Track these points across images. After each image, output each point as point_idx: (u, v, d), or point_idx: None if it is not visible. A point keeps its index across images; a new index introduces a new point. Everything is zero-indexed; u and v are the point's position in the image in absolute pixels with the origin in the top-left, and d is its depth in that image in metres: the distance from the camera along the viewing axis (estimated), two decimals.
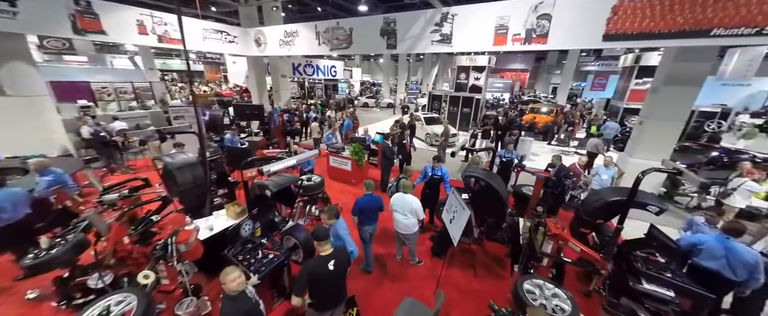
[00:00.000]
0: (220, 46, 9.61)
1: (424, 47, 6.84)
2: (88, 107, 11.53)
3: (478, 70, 13.46)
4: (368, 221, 3.70)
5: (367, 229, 3.72)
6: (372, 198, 3.66)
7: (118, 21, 7.14)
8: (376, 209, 3.69)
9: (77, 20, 6.44)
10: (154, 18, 7.80)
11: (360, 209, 3.61)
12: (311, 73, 14.45)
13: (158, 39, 8.05)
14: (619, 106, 11.89)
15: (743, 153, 8.01)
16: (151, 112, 11.77)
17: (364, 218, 3.66)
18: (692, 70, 5.64)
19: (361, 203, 3.60)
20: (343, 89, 22.72)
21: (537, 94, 29.08)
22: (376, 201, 3.68)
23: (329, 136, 7.23)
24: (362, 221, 3.68)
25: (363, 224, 3.69)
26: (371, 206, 3.64)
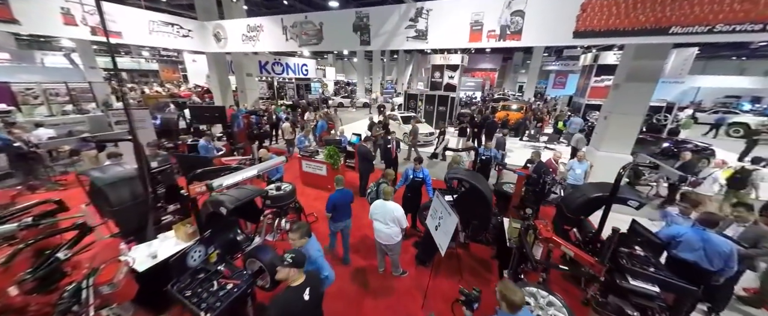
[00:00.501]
0: (171, 41, 8.56)
1: (400, 43, 6.58)
2: (6, 113, 9.73)
3: (452, 68, 13.58)
4: (342, 217, 3.77)
5: (340, 225, 3.80)
6: (343, 193, 3.72)
7: (35, 8, 5.96)
8: (348, 204, 3.77)
9: None
10: (85, 6, 6.65)
11: (334, 206, 3.65)
12: (280, 72, 13.59)
13: (92, 31, 6.89)
14: (581, 103, 12.67)
15: (688, 142, 8.86)
16: (90, 116, 10.24)
17: (338, 213, 3.71)
18: (649, 67, 5.98)
19: (335, 199, 3.64)
20: (316, 89, 21.86)
21: (506, 92, 30.44)
22: (348, 196, 3.75)
23: (301, 139, 6.68)
24: (336, 218, 3.74)
25: (336, 220, 3.75)
26: (344, 200, 3.70)
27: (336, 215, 3.70)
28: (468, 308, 2.08)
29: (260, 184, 4.52)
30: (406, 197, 4.52)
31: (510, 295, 1.79)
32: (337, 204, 3.65)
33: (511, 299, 1.78)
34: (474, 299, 2.09)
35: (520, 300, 1.79)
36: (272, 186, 4.54)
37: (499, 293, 1.84)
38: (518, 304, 1.78)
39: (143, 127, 7.50)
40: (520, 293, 1.81)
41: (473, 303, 2.07)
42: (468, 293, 2.13)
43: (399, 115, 11.58)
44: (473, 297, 2.09)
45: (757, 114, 16.67)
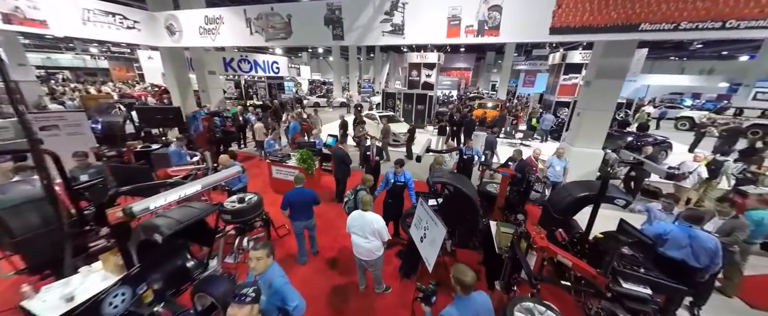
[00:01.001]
0: (112, 34, 7.43)
1: (375, 38, 6.20)
2: None
3: (429, 67, 13.48)
4: (300, 216, 3.61)
5: (300, 224, 3.65)
6: (302, 192, 3.57)
7: None
8: (308, 203, 3.61)
9: None
10: None
11: (289, 203, 3.52)
12: (248, 70, 12.59)
13: (4, 19, 5.71)
14: (551, 100, 13.18)
15: (649, 136, 9.46)
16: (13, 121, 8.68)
17: (296, 213, 3.57)
18: (616, 65, 6.17)
19: (290, 197, 3.51)
20: (290, 88, 20.81)
21: (480, 91, 31.32)
22: (308, 195, 3.59)
23: (270, 143, 6.06)
24: (294, 217, 3.60)
25: (295, 219, 3.62)
26: (302, 199, 3.54)
27: (294, 213, 3.58)
28: (426, 303, 2.05)
29: (219, 197, 3.91)
30: (388, 204, 4.17)
31: (461, 276, 1.85)
32: (294, 203, 3.52)
33: (463, 280, 1.84)
34: (431, 293, 2.07)
35: (472, 280, 1.85)
36: (234, 198, 3.96)
37: (453, 277, 1.89)
38: (469, 284, 1.84)
39: (78, 132, 6.43)
40: (470, 273, 1.86)
41: (431, 297, 2.05)
42: (424, 288, 2.10)
43: (377, 115, 11.21)
44: (430, 291, 2.07)
45: (697, 109, 18.64)
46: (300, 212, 3.58)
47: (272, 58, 13.68)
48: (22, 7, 5.86)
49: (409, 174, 4.29)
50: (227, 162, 4.09)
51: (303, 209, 3.58)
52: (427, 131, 12.88)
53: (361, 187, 3.60)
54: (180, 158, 5.28)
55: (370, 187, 3.68)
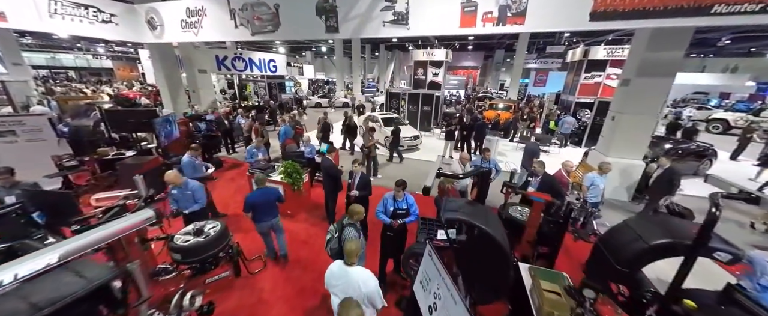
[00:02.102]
0: (85, 28, 6.70)
1: (375, 30, 5.29)
2: None
3: (436, 65, 12.49)
4: (265, 217, 3.50)
5: (265, 224, 3.54)
6: (265, 191, 3.48)
7: None
8: (272, 202, 3.53)
9: None
10: None
11: (252, 206, 3.39)
12: (242, 69, 11.83)
13: None
14: (570, 101, 12.07)
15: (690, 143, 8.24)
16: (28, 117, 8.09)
17: (259, 214, 3.45)
18: (665, 59, 5.12)
19: (253, 199, 3.38)
20: (290, 88, 20.07)
21: (489, 90, 30.11)
22: (271, 194, 3.51)
23: (252, 152, 5.22)
24: (257, 218, 3.47)
25: (259, 220, 3.49)
26: (266, 199, 3.45)
27: (257, 215, 3.44)
28: None
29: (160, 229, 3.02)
30: (386, 237, 3.26)
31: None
32: (257, 204, 3.40)
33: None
34: None
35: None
36: (189, 229, 3.10)
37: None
38: None
39: (39, 138, 5.70)
40: None
41: None
42: None
43: (380, 117, 10.27)
44: None
45: (728, 109, 17.12)
46: (264, 212, 3.47)
47: (269, 56, 12.90)
48: None
49: (413, 199, 3.38)
50: (174, 180, 3.23)
51: (268, 209, 3.48)
52: (433, 135, 11.91)
53: (349, 221, 2.70)
54: (195, 171, 4.43)
55: (361, 221, 2.77)
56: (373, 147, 6.68)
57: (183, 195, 3.31)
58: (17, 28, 6.09)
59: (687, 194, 5.88)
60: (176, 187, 3.24)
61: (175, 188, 3.24)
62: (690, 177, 7.31)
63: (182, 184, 3.28)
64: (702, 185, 6.70)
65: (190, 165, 4.51)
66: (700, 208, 5.87)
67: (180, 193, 3.28)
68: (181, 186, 3.28)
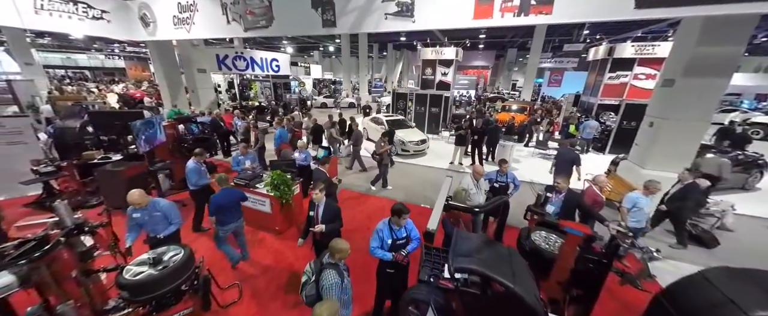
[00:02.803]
0: (73, 25, 6.38)
1: (376, 23, 4.69)
2: None
3: (445, 64, 11.79)
4: (231, 219, 3.42)
5: (230, 227, 3.44)
6: (229, 192, 3.41)
7: None
8: (237, 203, 3.48)
9: None
10: None
11: (218, 207, 3.27)
12: (244, 68, 11.45)
13: None
14: (591, 102, 11.13)
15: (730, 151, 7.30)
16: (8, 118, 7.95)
17: (224, 216, 3.35)
18: (722, 55, 4.31)
19: (218, 200, 3.28)
20: (295, 88, 19.71)
21: (500, 90, 29.04)
22: (235, 194, 3.46)
23: (238, 159, 4.71)
24: (223, 221, 3.35)
25: (224, 223, 3.37)
26: (230, 199, 3.37)
27: (222, 217, 3.33)
28: None
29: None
30: (385, 275, 2.65)
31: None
32: (222, 205, 3.29)
33: None
34: None
35: None
36: (144, 257, 2.59)
37: None
38: None
39: (21, 141, 5.38)
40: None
41: None
42: None
43: (384, 119, 9.65)
44: None
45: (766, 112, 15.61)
46: (230, 213, 3.37)
47: (272, 55, 12.50)
48: None
49: (413, 225, 2.77)
50: (138, 201, 2.72)
51: (232, 210, 3.39)
52: (441, 138, 11.21)
53: (329, 260, 2.10)
54: (200, 177, 4.12)
55: (343, 258, 2.16)
56: (385, 154, 5.99)
57: (151, 217, 2.81)
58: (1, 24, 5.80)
59: (740, 213, 5.03)
60: (141, 209, 2.74)
61: (138, 210, 2.74)
62: (737, 191, 6.39)
63: (148, 204, 2.78)
64: (755, 202, 5.86)
65: (196, 171, 4.13)
66: (753, 229, 5.05)
67: (146, 214, 2.78)
68: (146, 207, 2.78)
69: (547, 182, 6.72)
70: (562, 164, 5.49)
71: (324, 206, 2.97)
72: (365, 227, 4.78)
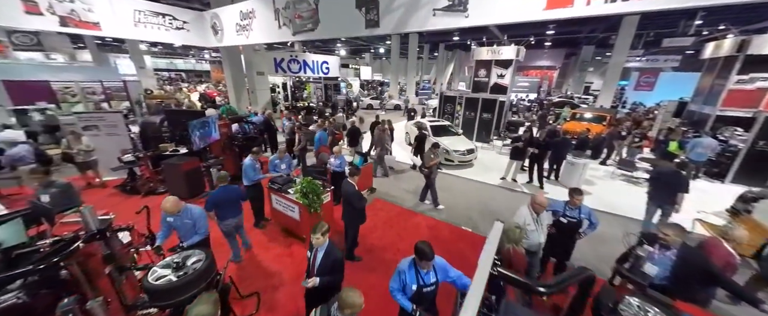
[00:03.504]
0: (162, 35, 7.44)
1: (422, 22, 4.19)
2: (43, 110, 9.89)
3: (502, 64, 10.52)
4: (229, 214, 3.50)
5: (230, 222, 3.53)
6: (227, 189, 3.47)
7: None
8: (235, 200, 3.56)
9: None
10: None
11: (215, 204, 3.37)
12: (297, 70, 12.12)
13: (61, 21, 5.93)
14: (705, 114, 8.55)
15: None
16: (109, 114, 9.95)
17: (222, 211, 3.43)
18: None
19: (216, 198, 3.39)
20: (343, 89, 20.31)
21: (569, 94, 25.23)
22: (234, 191, 3.53)
23: (275, 163, 4.74)
24: (222, 216, 3.44)
25: (223, 218, 3.46)
26: (228, 197, 3.45)
27: (221, 212, 3.46)
28: None
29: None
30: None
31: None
32: (220, 202, 3.41)
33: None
34: None
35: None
36: (168, 261, 2.60)
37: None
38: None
39: (115, 133, 6.43)
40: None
41: None
42: None
43: (429, 124, 8.98)
44: None
45: None
46: (228, 209, 3.48)
47: (322, 57, 12.97)
48: (78, 10, 6.03)
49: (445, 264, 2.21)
50: (171, 209, 2.76)
51: (231, 207, 3.52)
52: (492, 148, 10.02)
53: (337, 313, 1.70)
54: (255, 173, 4.33)
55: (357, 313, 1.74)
56: (434, 168, 5.24)
57: (182, 224, 2.88)
58: (110, 35, 7.07)
59: None
60: (173, 215, 2.81)
61: (171, 216, 2.81)
62: None
63: (181, 211, 2.84)
64: None
65: (252, 167, 4.31)
66: None
67: (178, 221, 2.86)
68: (179, 214, 2.84)
69: (632, 213, 5.33)
70: (661, 189, 4.17)
71: (324, 253, 2.35)
72: (394, 247, 4.33)
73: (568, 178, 6.64)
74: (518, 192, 6.47)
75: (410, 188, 6.50)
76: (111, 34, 6.80)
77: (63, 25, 5.97)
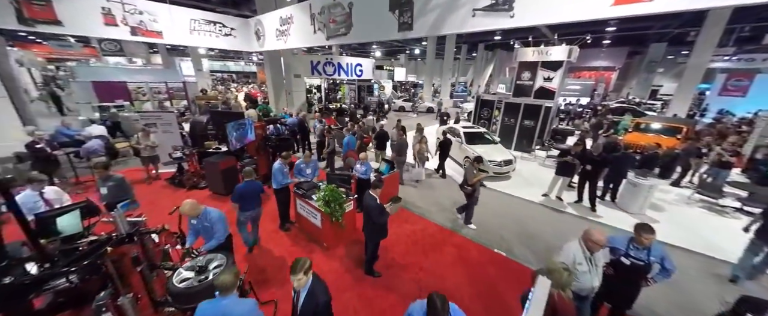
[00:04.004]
0: (212, 41, 8.10)
1: (460, 23, 3.83)
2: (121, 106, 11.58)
3: (551, 66, 9.47)
4: (250, 206, 3.82)
5: (249, 214, 3.85)
6: (251, 184, 3.80)
7: (77, 8, 5.91)
8: (257, 193, 3.86)
9: (23, 7, 5.31)
10: (126, 5, 6.47)
11: (240, 196, 3.70)
12: (332, 73, 12.39)
13: (131, 31, 6.74)
14: None
15: None
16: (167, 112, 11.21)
17: (245, 203, 3.75)
18: None
19: (241, 190, 3.70)
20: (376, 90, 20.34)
21: (630, 98, 22.12)
22: (256, 186, 3.85)
23: (301, 167, 4.77)
24: (243, 207, 3.77)
25: (244, 209, 3.78)
26: (251, 190, 3.78)
27: (243, 204, 3.74)
28: None
29: None
30: None
31: None
32: (244, 194, 3.71)
33: None
34: None
35: None
36: (190, 265, 2.68)
37: None
38: None
39: (169, 131, 7.12)
40: None
41: None
42: None
43: (462, 130, 8.43)
44: None
45: None
46: (249, 201, 3.79)
47: (356, 60, 13.09)
48: (145, 21, 6.80)
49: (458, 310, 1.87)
50: (190, 212, 2.84)
51: (252, 199, 3.81)
52: (534, 158, 9.08)
53: None
54: (284, 177, 4.36)
55: None
56: (477, 185, 4.71)
57: (203, 227, 2.98)
58: (169, 43, 7.87)
59: None
60: (194, 217, 2.91)
61: (194, 218, 2.91)
62: None
63: (200, 214, 2.93)
64: None
65: (280, 172, 4.35)
66: None
67: (199, 224, 2.95)
68: (199, 217, 2.94)
69: (714, 251, 4.30)
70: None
71: (306, 294, 2.01)
72: (416, 265, 4.03)
73: (629, 201, 5.66)
74: (564, 214, 5.69)
75: (439, 199, 6.12)
76: (171, 41, 7.59)
77: (133, 35, 6.79)
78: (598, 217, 5.51)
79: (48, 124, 7.75)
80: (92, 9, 6.12)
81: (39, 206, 3.30)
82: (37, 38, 19.93)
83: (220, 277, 1.95)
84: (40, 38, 20.44)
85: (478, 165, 4.85)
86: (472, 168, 4.77)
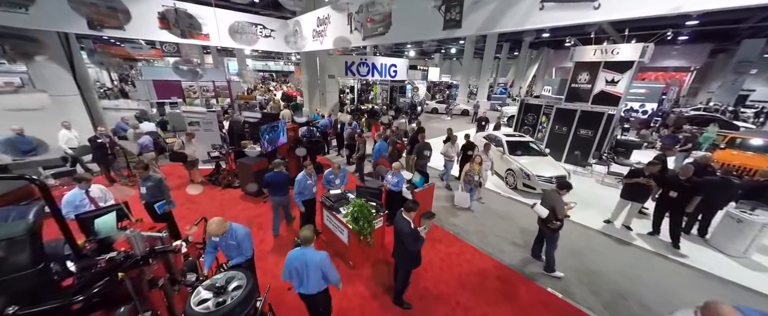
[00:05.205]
0: (253, 42, 8.28)
1: (522, 18, 3.20)
2: (175, 103, 12.66)
3: (616, 68, 8.12)
4: (278, 193, 4.29)
5: (278, 200, 4.34)
6: (277, 175, 4.22)
7: (137, 14, 6.34)
8: (284, 183, 4.26)
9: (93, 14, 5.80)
10: (178, 10, 6.83)
11: (268, 184, 4.21)
12: (365, 73, 12.16)
13: (182, 34, 7.10)
14: None
15: None
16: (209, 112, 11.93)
17: (274, 190, 4.26)
18: None
19: (269, 178, 4.21)
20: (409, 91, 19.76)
21: (711, 105, 18.65)
22: (283, 176, 4.26)
23: (329, 178, 4.49)
24: (273, 193, 4.28)
25: (274, 194, 4.29)
26: (278, 180, 4.22)
27: (272, 191, 4.24)
28: None
29: None
30: None
31: None
32: (272, 182, 4.18)
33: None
34: None
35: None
36: (208, 284, 2.49)
37: None
38: None
39: (210, 129, 7.40)
40: None
41: None
42: None
43: (504, 139, 7.56)
44: None
45: None
46: (277, 190, 4.23)
47: (390, 60, 12.70)
48: (195, 24, 7.13)
49: None
50: (216, 231, 2.65)
51: (280, 188, 4.23)
52: (591, 175, 7.85)
53: None
54: (305, 189, 4.13)
55: None
56: (565, 214, 3.60)
57: (228, 245, 2.81)
58: (216, 45, 8.21)
59: None
60: (218, 236, 2.74)
61: (217, 236, 2.74)
62: None
63: (226, 232, 2.76)
64: None
65: (302, 183, 4.10)
66: None
67: (223, 242, 2.79)
68: (224, 235, 2.77)
69: None
70: None
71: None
72: (453, 299, 3.50)
73: (727, 239, 4.46)
74: (632, 246, 4.70)
75: (479, 216, 5.47)
76: (216, 43, 7.91)
77: (182, 37, 7.16)
78: (682, 256, 4.43)
79: (115, 116, 8.61)
80: (150, 13, 6.54)
81: (85, 203, 3.45)
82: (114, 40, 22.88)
83: (302, 233, 2.50)
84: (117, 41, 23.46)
85: (564, 191, 3.66)
86: (556, 196, 3.61)
